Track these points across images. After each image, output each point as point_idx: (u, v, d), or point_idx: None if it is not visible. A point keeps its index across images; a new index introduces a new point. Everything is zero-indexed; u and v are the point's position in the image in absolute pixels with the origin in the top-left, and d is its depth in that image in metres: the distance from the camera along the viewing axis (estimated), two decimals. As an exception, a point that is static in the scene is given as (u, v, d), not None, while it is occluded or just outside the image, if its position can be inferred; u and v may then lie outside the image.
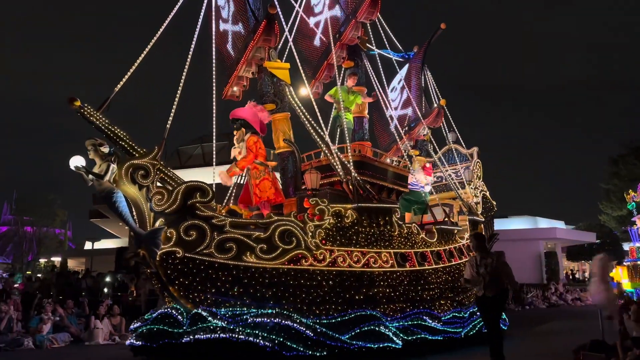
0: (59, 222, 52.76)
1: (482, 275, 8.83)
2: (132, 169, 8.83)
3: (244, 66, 11.36)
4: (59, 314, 15.15)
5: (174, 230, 8.94)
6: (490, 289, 8.78)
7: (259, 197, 10.77)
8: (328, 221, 10.11)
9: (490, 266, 8.82)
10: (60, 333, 14.70)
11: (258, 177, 10.78)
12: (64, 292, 19.28)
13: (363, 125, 13.60)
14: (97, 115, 8.79)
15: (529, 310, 26.48)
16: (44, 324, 14.38)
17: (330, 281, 9.88)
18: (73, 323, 15.43)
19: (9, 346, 13.47)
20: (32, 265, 49.46)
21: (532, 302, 28.70)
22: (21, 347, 13.59)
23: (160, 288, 9.50)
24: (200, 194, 9.10)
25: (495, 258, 8.92)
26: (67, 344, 14.59)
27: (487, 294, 8.81)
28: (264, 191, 10.80)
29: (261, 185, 10.80)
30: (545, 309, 27.80)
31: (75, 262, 47.78)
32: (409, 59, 15.75)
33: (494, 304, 8.87)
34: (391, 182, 12.87)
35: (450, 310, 11.83)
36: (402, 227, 11.29)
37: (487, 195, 16.04)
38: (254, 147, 10.77)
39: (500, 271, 8.89)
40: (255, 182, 10.79)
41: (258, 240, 9.39)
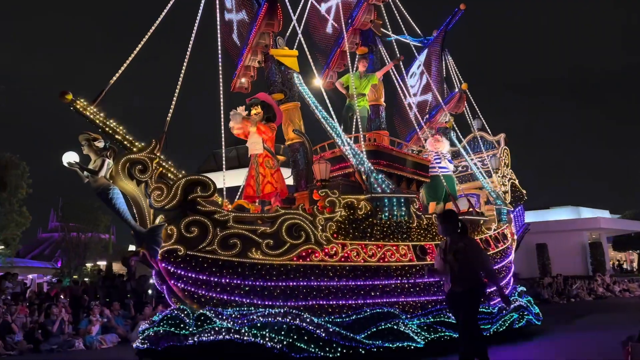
0: (103, 227, 53.42)
1: (450, 263, 6.82)
2: (129, 163, 8.34)
3: (249, 55, 10.78)
4: (106, 315, 15.46)
5: (174, 227, 8.40)
6: (461, 282, 6.77)
7: (275, 187, 10.11)
8: (339, 213, 9.42)
9: (460, 253, 6.78)
10: (109, 334, 14.92)
11: (273, 167, 10.15)
12: (110, 295, 19.51)
13: (379, 113, 12.81)
14: (90, 109, 8.31)
15: (574, 303, 25.38)
16: (93, 325, 14.77)
17: (344, 277, 9.19)
18: (120, 324, 15.70)
19: (61, 347, 13.82)
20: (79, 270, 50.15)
21: (577, 294, 27.45)
22: (72, 348, 13.95)
23: (163, 288, 8.96)
24: (201, 189, 8.54)
25: (468, 242, 6.96)
26: (115, 344, 14.78)
27: (456, 289, 6.81)
28: (280, 181, 10.22)
29: (276, 175, 10.19)
30: (592, 301, 26.58)
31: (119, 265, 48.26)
32: (428, 43, 14.86)
33: (466, 301, 6.80)
34: (411, 172, 12.06)
35: (478, 305, 10.95)
36: (421, 219, 10.50)
37: (517, 184, 15.07)
38: (268, 131, 10.15)
39: (473, 259, 6.87)
40: (270, 172, 10.13)
41: (264, 236, 8.78)
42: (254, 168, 10.27)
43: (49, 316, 14.62)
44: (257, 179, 10.17)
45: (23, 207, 33.86)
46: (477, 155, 15.21)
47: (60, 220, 54.15)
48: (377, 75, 12.50)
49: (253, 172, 10.29)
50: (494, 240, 12.40)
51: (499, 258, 12.23)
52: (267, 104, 10.36)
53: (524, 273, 33.73)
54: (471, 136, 15.65)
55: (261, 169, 10.14)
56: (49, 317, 14.58)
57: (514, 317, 11.60)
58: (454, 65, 15.09)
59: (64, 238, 51.80)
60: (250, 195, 10.33)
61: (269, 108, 10.35)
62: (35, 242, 60.73)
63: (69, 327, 14.75)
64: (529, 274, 33.98)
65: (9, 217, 33.38)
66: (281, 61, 10.80)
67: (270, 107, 10.38)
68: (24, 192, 33.13)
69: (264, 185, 10.10)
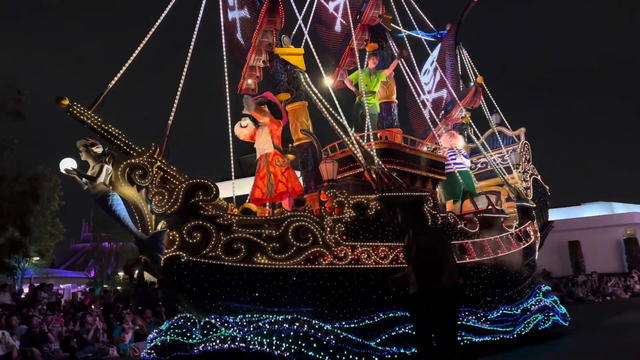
0: (134, 236, 53.75)
1: (413, 260, 5.74)
2: (129, 169, 8.05)
3: (253, 54, 10.41)
4: (138, 323, 15.52)
5: (176, 233, 8.05)
6: (426, 282, 5.59)
7: (288, 186, 9.68)
8: (348, 214, 8.97)
9: (423, 248, 5.65)
10: (142, 342, 14.68)
11: (283, 165, 9.72)
12: (142, 302, 19.34)
13: (391, 110, 12.29)
14: (88, 114, 8.04)
15: (610, 301, 24.42)
16: (126, 333, 14.87)
17: (354, 281, 8.73)
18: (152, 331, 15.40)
19: (96, 356, 13.86)
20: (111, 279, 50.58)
21: (612, 292, 26.48)
22: (106, 356, 14.00)
23: (168, 296, 8.63)
24: (203, 192, 8.19)
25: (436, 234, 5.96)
26: (147, 351, 14.72)
27: (422, 290, 5.62)
28: (292, 180, 9.77)
29: (287, 173, 9.75)
30: (629, 298, 25.58)
31: (150, 273, 48.47)
32: (441, 38, 14.32)
33: (440, 305, 5.52)
34: (426, 169, 11.52)
35: (499, 308, 10.38)
36: (435, 218, 9.97)
37: (539, 179, 14.39)
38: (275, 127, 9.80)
39: (441, 255, 5.64)
40: (281, 170, 9.69)
41: (269, 239, 8.37)
42: (264, 168, 9.82)
43: (83, 325, 14.72)
44: (268, 179, 9.71)
45: (56, 219, 34.26)
46: (496, 151, 14.59)
47: (92, 230, 54.78)
48: (386, 72, 12.00)
49: (262, 172, 9.83)
50: (516, 239, 11.80)
51: (520, 257, 11.62)
52: (273, 103, 9.98)
53: (557, 271, 32.80)
54: (489, 132, 15.03)
55: (271, 168, 9.69)
56: (83, 326, 14.68)
57: (539, 318, 10.99)
58: (469, 59, 14.51)
59: (95, 248, 52.45)
60: (258, 198, 9.88)
61: (275, 108, 9.96)
62: (69, 253, 61.62)
63: (104, 336, 14.87)
64: (562, 272, 33.03)
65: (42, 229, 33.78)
66: (286, 60, 10.40)
67: (276, 106, 10.00)
68: (56, 205, 33.52)
69: (276, 184, 9.65)
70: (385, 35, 12.61)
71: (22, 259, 32.94)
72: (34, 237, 33.21)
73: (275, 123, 9.81)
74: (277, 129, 9.93)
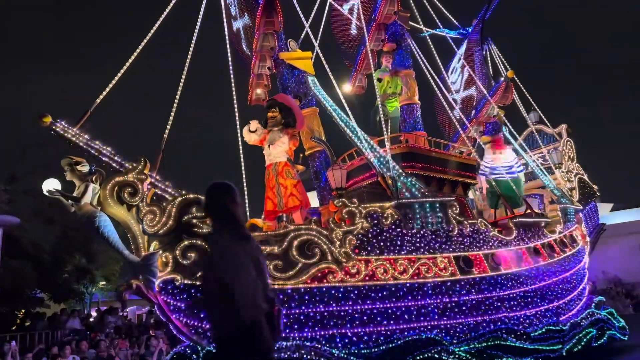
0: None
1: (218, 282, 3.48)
2: (117, 187, 7.22)
3: (257, 61, 9.51)
4: None
5: (169, 254, 7.13)
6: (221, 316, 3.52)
7: (300, 200, 8.64)
8: (361, 225, 7.86)
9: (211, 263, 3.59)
10: None
11: (294, 178, 8.71)
12: None
13: (414, 113, 11.08)
14: (72, 132, 7.27)
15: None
16: None
17: (369, 299, 7.57)
18: None
19: None
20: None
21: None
22: None
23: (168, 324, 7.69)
24: (198, 208, 7.24)
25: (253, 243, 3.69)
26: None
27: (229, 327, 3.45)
28: (303, 193, 8.74)
29: (299, 186, 8.73)
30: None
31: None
32: (467, 34, 13.03)
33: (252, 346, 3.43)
34: (454, 174, 10.23)
35: (543, 323, 8.93)
36: (463, 225, 8.69)
37: (585, 179, 12.77)
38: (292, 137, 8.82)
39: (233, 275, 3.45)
40: (292, 183, 8.67)
41: (272, 257, 7.36)
42: (273, 179, 8.82)
43: (148, 347, 14.09)
44: (277, 190, 8.72)
45: (120, 244, 34.54)
46: (536, 151, 13.11)
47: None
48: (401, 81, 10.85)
49: (272, 183, 8.83)
50: (560, 245, 10.31)
51: (567, 264, 10.10)
52: (285, 107, 8.91)
53: (626, 277, 30.09)
54: (528, 131, 13.55)
55: (281, 179, 8.70)
56: (148, 349, 14.04)
57: (592, 333, 9.42)
58: (499, 54, 13.17)
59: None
60: (271, 211, 8.90)
61: (288, 111, 8.89)
62: (133, 277, 62.20)
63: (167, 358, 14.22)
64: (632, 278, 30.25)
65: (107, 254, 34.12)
66: (293, 65, 9.43)
67: (289, 110, 8.91)
68: (119, 230, 33.73)
69: (287, 197, 8.64)
70: (404, 33, 11.45)
71: (90, 284, 33.28)
72: (100, 263, 33.51)
73: (293, 139, 8.83)
74: (295, 143, 8.94)
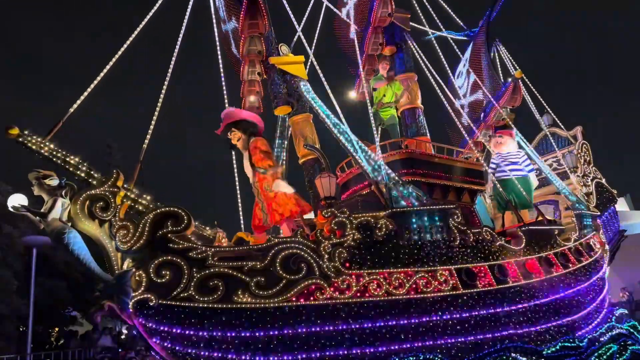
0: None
1: None
2: (88, 201, 6.60)
3: (246, 66, 8.86)
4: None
5: (143, 272, 6.45)
6: None
7: (280, 213, 7.85)
8: (351, 237, 7.09)
9: None
10: None
11: (271, 190, 7.91)
12: None
13: (416, 118, 10.30)
14: (41, 143, 6.69)
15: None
16: None
17: (361, 317, 6.77)
18: None
19: None
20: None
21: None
22: None
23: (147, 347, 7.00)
24: (173, 222, 6.62)
25: None
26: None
27: None
28: (283, 205, 7.88)
29: (278, 198, 7.89)
30: None
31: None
32: (474, 36, 12.20)
33: None
34: (460, 180, 9.41)
35: (557, 339, 7.97)
36: (466, 234, 7.84)
37: (604, 183, 11.75)
38: (254, 151, 7.96)
39: None
40: (269, 196, 7.90)
41: (253, 273, 6.64)
42: (257, 195, 8.16)
43: None
44: (262, 207, 8.04)
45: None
46: (550, 155, 12.16)
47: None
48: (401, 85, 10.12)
49: (256, 199, 8.18)
50: (575, 254, 9.35)
51: (583, 276, 9.12)
52: (239, 121, 8.18)
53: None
54: (541, 135, 12.60)
55: (262, 196, 7.99)
56: None
57: (613, 349, 8.47)
58: (508, 55, 12.30)
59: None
60: (257, 226, 8.22)
61: (246, 123, 8.17)
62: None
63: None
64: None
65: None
66: (285, 70, 8.76)
67: (245, 122, 8.20)
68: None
69: (269, 213, 7.91)
70: (404, 36, 10.71)
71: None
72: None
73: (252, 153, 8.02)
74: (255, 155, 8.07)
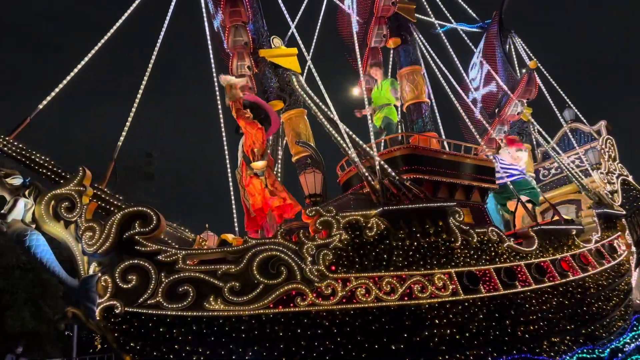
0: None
1: None
2: (54, 201, 5.96)
3: (235, 60, 8.15)
4: None
5: (109, 277, 5.77)
6: None
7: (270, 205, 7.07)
8: (338, 237, 6.26)
9: None
10: None
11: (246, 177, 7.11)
12: None
13: (422, 113, 9.39)
14: (4, 140, 6.09)
15: None
16: None
17: (347, 326, 5.91)
18: None
19: None
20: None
21: None
22: None
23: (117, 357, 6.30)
24: (141, 223, 5.91)
25: None
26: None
27: None
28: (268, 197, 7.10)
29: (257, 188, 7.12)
30: None
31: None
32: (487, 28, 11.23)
33: None
34: (469, 177, 8.49)
35: (574, 351, 6.92)
36: (469, 235, 6.89)
37: (631, 181, 10.55)
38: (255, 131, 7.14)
39: None
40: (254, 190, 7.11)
41: (227, 277, 5.89)
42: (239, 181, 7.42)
43: None
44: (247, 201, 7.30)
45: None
46: (572, 152, 11.05)
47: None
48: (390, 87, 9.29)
49: None
50: (597, 256, 8.24)
51: (604, 280, 8.00)
52: (256, 105, 7.44)
53: None
54: (562, 132, 11.48)
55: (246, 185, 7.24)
56: None
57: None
58: (524, 46, 11.26)
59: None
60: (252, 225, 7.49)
61: (259, 110, 7.41)
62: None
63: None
64: None
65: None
66: (277, 63, 8.03)
67: (261, 108, 7.45)
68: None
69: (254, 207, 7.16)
70: (410, 27, 9.85)
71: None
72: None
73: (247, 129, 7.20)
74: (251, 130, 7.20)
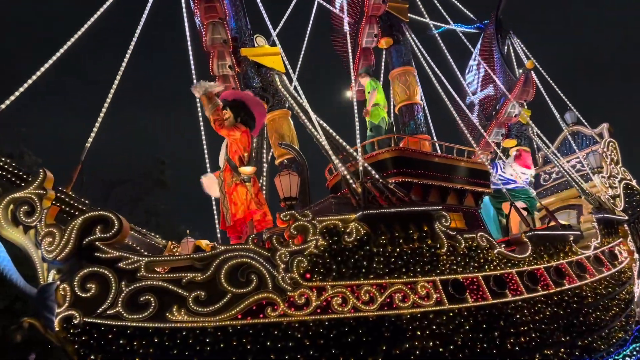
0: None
1: None
2: (12, 205, 5.54)
3: (215, 60, 7.74)
4: None
5: (67, 285, 5.33)
6: None
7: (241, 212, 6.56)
8: (314, 243, 5.76)
9: None
10: None
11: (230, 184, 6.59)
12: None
13: (415, 114, 8.89)
14: None
15: None
16: None
17: (320, 338, 5.39)
18: None
19: None
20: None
21: None
22: None
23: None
24: (102, 228, 5.46)
25: None
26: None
27: None
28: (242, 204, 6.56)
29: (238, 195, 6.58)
30: None
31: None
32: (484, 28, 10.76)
33: None
34: (462, 181, 7.95)
35: (571, 364, 6.35)
36: (456, 240, 6.37)
37: (634, 185, 9.95)
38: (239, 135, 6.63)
39: None
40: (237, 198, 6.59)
41: (192, 286, 5.41)
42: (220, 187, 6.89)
43: None
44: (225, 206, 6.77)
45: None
46: (573, 156, 10.50)
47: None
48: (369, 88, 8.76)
49: None
50: (595, 263, 7.65)
51: (603, 288, 7.39)
52: (237, 103, 6.86)
53: None
54: (563, 136, 10.92)
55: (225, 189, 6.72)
56: None
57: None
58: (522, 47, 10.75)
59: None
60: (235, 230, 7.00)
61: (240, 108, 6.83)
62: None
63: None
64: None
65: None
66: (259, 62, 7.60)
67: (242, 105, 6.86)
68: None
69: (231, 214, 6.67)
70: (402, 27, 9.39)
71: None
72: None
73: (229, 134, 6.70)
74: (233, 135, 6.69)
